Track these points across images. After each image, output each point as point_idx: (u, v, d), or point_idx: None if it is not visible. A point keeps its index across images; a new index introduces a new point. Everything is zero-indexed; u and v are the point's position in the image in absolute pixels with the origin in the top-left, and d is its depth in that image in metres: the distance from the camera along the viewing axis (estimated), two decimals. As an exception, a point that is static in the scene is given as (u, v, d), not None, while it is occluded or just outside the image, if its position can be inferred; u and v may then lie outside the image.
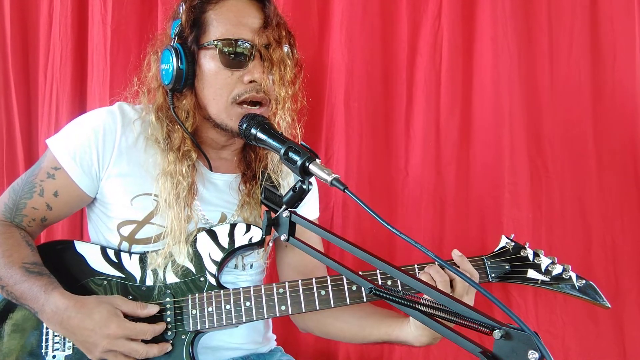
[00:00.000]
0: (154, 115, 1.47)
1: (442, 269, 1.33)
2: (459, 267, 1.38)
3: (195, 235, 1.46)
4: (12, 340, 1.40)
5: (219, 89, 1.39)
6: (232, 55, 1.38)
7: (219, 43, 1.37)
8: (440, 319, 0.88)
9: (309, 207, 1.66)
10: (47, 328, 1.40)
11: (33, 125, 2.09)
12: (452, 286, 1.33)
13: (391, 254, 1.84)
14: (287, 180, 1.61)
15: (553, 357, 0.73)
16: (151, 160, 1.46)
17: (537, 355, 0.74)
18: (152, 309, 1.38)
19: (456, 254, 1.40)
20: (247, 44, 1.38)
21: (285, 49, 1.44)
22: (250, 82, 1.39)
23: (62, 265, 1.45)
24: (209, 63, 1.39)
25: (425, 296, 0.92)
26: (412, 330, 1.37)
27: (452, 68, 1.82)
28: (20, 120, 2.06)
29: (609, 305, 1.40)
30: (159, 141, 1.46)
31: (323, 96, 1.90)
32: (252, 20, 1.40)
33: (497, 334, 0.79)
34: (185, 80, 1.40)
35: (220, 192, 1.55)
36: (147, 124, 1.48)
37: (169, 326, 1.40)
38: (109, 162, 1.44)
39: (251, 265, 1.59)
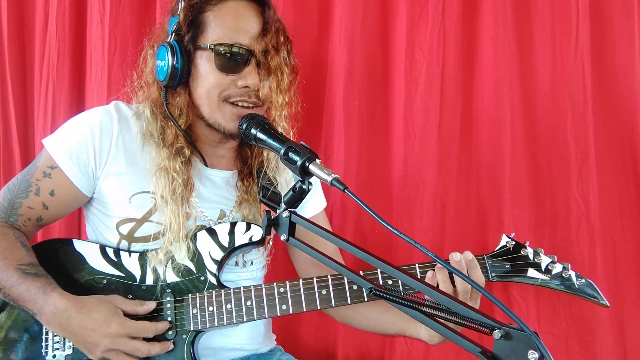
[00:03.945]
0: (149, 110, 1.48)
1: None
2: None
3: (195, 232, 1.46)
4: (11, 339, 1.40)
5: (211, 88, 1.40)
6: (228, 59, 1.38)
7: (215, 47, 1.37)
8: (440, 319, 0.88)
9: (315, 199, 1.68)
10: (46, 328, 1.40)
11: (29, 124, 2.08)
12: (453, 284, 1.33)
13: (391, 254, 1.84)
14: (284, 177, 1.62)
15: (554, 358, 0.73)
16: (148, 157, 1.46)
17: (537, 355, 0.74)
18: (151, 305, 1.38)
19: (467, 257, 1.34)
20: (243, 49, 1.38)
21: (283, 55, 1.44)
22: (244, 87, 1.39)
23: (61, 264, 1.44)
24: (204, 64, 1.40)
25: (425, 296, 0.92)
26: (423, 331, 1.40)
27: (453, 67, 1.82)
28: (16, 119, 2.06)
29: (608, 304, 1.40)
30: (154, 136, 1.46)
31: (323, 95, 1.90)
32: (251, 25, 1.40)
33: (497, 334, 0.78)
34: (180, 79, 1.41)
35: (218, 189, 1.55)
36: (143, 119, 1.48)
37: (170, 325, 1.40)
38: (106, 161, 1.44)
39: (252, 262, 1.59)
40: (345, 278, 1.39)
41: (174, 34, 1.41)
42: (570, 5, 1.74)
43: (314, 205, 1.67)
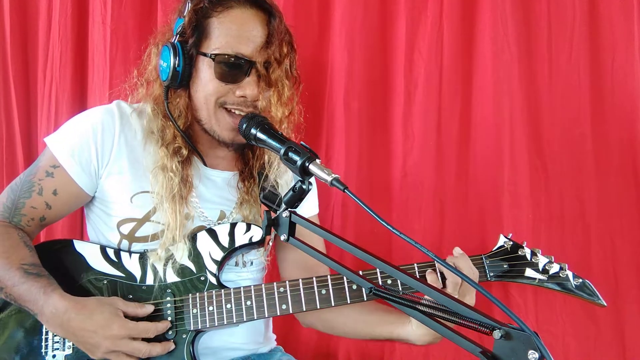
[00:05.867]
0: (150, 107, 1.48)
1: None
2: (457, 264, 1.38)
3: (195, 233, 1.46)
4: (11, 339, 1.40)
5: (209, 95, 1.41)
6: (228, 69, 1.39)
7: (217, 56, 1.38)
8: (440, 319, 0.88)
9: (309, 203, 1.67)
10: (47, 329, 1.40)
11: (32, 124, 2.09)
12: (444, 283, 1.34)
13: (391, 254, 1.85)
14: (285, 179, 1.61)
15: (553, 357, 0.73)
16: (150, 157, 1.46)
17: (537, 355, 0.74)
18: (149, 308, 1.38)
19: (457, 252, 1.40)
20: (244, 60, 1.38)
21: (286, 67, 1.44)
22: (241, 97, 1.40)
23: (61, 264, 1.44)
24: (205, 70, 1.40)
25: (425, 296, 0.92)
26: (414, 330, 1.39)
27: (452, 68, 1.83)
28: (19, 119, 2.06)
29: (605, 304, 1.42)
30: (154, 133, 1.47)
31: (323, 96, 1.90)
32: (255, 35, 1.39)
33: (497, 334, 0.79)
34: (181, 81, 1.41)
35: (219, 189, 1.55)
36: (144, 116, 1.49)
37: (170, 325, 1.39)
38: (108, 160, 1.44)
39: (252, 263, 1.59)
40: (344, 278, 1.39)
41: (178, 35, 1.41)
42: (569, 6, 1.75)
43: (307, 208, 1.65)
